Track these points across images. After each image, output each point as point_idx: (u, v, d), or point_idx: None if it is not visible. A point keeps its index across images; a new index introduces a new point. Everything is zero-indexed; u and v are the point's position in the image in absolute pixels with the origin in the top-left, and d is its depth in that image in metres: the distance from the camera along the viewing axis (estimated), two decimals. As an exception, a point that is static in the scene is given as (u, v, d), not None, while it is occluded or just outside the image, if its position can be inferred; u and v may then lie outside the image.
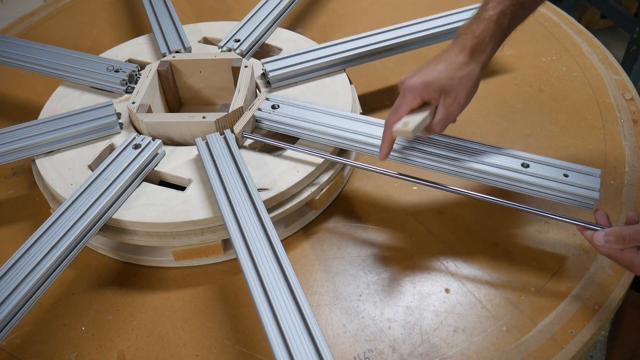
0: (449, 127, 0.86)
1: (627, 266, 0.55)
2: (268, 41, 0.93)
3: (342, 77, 0.84)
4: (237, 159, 0.68)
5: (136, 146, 0.71)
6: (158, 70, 0.81)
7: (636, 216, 0.58)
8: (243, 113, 0.75)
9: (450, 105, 0.61)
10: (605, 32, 2.26)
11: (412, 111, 0.63)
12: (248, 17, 0.93)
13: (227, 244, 0.70)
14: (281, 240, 0.59)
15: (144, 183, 0.70)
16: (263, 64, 0.84)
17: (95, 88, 0.84)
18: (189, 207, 0.66)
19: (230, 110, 0.73)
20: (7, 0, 1.70)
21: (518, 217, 0.73)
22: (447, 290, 0.66)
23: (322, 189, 0.73)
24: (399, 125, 0.61)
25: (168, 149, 0.74)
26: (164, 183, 0.72)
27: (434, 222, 0.74)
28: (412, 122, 0.61)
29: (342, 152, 0.76)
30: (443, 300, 0.65)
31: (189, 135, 0.74)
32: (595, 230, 0.58)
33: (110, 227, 0.68)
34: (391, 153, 0.69)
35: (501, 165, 0.66)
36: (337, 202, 0.77)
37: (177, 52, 0.86)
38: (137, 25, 1.15)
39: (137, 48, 0.92)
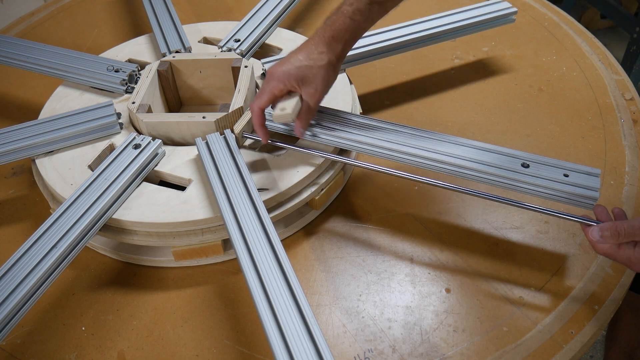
0: (449, 126, 0.87)
1: (625, 263, 0.55)
2: (268, 41, 0.93)
3: (342, 77, 0.84)
4: (237, 159, 0.68)
5: (136, 146, 0.71)
6: (158, 70, 0.81)
7: (622, 211, 0.59)
8: (243, 113, 0.75)
9: (313, 95, 0.66)
10: (605, 32, 2.26)
11: (281, 98, 0.66)
12: (248, 17, 0.93)
13: (227, 244, 0.70)
14: (281, 240, 0.59)
15: (144, 183, 0.70)
16: (263, 64, 0.84)
17: (95, 88, 0.84)
18: (189, 207, 0.66)
19: (230, 110, 0.73)
20: (7, 0, 1.70)
21: (518, 217, 0.73)
22: (447, 290, 0.66)
23: (322, 189, 0.73)
24: (277, 111, 0.65)
25: (168, 149, 0.74)
26: (164, 183, 0.72)
27: (434, 222, 0.74)
28: (288, 106, 0.64)
29: (342, 152, 0.76)
30: (443, 300, 0.65)
31: (189, 135, 0.74)
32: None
33: (110, 227, 0.68)
34: (393, 153, 0.69)
35: (501, 165, 0.66)
36: (337, 202, 0.77)
37: (177, 52, 0.86)
38: (137, 25, 1.15)
39: (137, 48, 0.92)
